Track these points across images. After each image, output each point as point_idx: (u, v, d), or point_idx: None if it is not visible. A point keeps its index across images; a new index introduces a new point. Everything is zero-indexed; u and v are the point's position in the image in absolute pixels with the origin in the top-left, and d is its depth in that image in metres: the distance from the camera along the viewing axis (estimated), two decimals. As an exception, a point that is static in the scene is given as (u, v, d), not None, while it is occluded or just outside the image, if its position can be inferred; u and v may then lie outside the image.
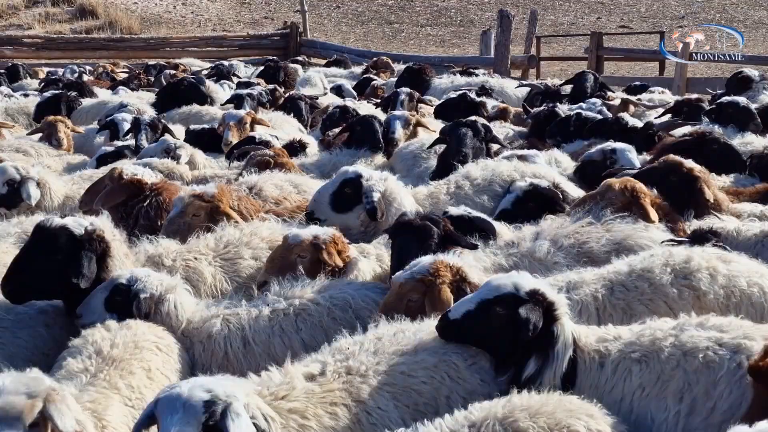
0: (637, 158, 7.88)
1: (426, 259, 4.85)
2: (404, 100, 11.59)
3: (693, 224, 6.19)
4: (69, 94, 13.39)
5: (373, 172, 6.54)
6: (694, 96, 11.70)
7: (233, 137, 9.68)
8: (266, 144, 8.93)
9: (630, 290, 4.84)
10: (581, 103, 11.28)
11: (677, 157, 6.86)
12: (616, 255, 5.41)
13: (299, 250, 5.37)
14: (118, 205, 6.67)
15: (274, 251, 5.55)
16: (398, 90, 12.27)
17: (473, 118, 8.82)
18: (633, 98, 12.23)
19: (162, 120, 10.40)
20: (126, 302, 4.80)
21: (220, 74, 17.26)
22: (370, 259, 5.73)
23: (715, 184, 6.84)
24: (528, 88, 14.28)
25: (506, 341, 4.09)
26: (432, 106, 11.98)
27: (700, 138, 8.08)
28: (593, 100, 11.55)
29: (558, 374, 4.05)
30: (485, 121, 8.92)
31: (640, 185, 6.25)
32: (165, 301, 4.86)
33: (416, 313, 4.61)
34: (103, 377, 4.09)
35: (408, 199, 6.62)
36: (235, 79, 16.55)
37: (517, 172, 7.34)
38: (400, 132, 9.34)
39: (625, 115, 9.72)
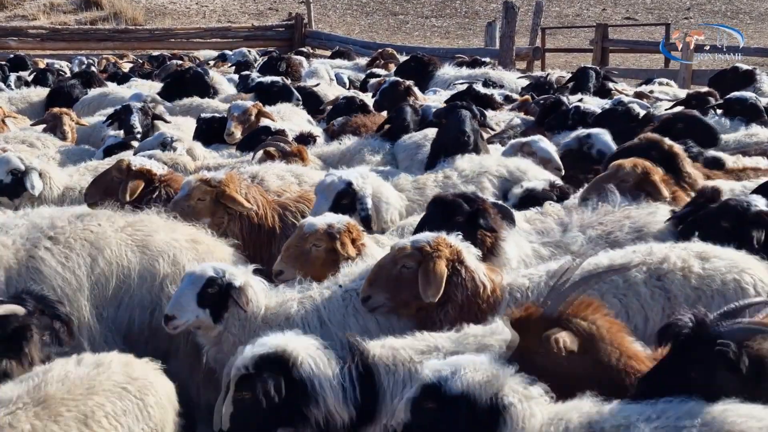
0: (611, 141, 7.98)
1: (430, 233, 4.91)
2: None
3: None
4: (72, 83, 13.48)
5: (354, 174, 6.54)
6: (704, 89, 11.59)
7: (235, 128, 9.69)
8: (282, 134, 8.97)
9: (605, 282, 4.87)
10: (619, 98, 11.19)
11: (655, 135, 7.09)
12: (640, 242, 5.47)
13: (314, 239, 5.37)
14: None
15: (289, 240, 5.55)
16: (389, 80, 12.28)
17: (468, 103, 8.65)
18: (647, 90, 12.28)
19: (151, 109, 10.38)
20: (219, 295, 4.79)
21: (240, 64, 17.33)
22: (385, 250, 5.74)
23: (689, 164, 6.99)
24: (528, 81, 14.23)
25: (275, 418, 4.04)
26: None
27: (667, 121, 8.30)
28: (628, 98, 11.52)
29: (338, 403, 4.05)
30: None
31: (648, 163, 6.37)
32: (248, 288, 4.88)
33: (407, 283, 4.66)
34: (7, 413, 3.63)
35: (392, 192, 6.70)
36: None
37: (502, 166, 7.43)
38: None
39: (634, 107, 9.71)
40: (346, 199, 6.35)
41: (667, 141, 7.01)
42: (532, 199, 6.75)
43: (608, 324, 3.89)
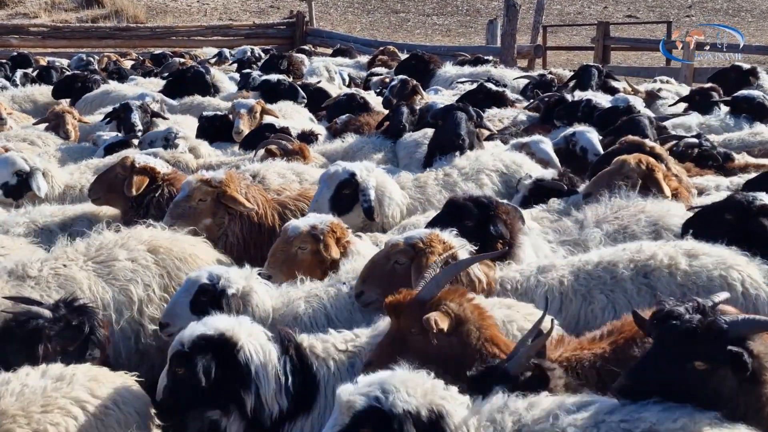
0: (597, 139, 8.14)
1: (423, 230, 5.02)
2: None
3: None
4: (96, 79, 13.63)
5: (360, 166, 6.59)
6: (708, 85, 11.57)
7: (244, 126, 9.70)
8: (286, 131, 8.97)
9: (593, 279, 4.99)
10: (618, 95, 11.27)
11: (637, 138, 7.25)
12: (656, 236, 5.57)
13: (299, 241, 5.40)
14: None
15: (275, 244, 5.56)
16: (398, 78, 12.28)
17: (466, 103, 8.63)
18: (656, 88, 12.32)
19: (150, 107, 10.37)
20: (212, 302, 4.75)
21: (242, 62, 17.33)
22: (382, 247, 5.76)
23: (674, 163, 7.14)
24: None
25: (204, 399, 4.06)
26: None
27: (616, 127, 8.55)
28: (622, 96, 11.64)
29: (271, 393, 4.07)
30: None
31: (653, 160, 6.45)
32: (252, 293, 4.85)
33: (400, 279, 4.70)
34: None
35: (395, 187, 6.73)
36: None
37: (498, 161, 7.49)
38: None
39: (636, 104, 9.76)
40: (347, 189, 6.40)
41: (648, 142, 7.11)
42: (541, 189, 6.78)
43: (472, 308, 4.16)
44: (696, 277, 4.88)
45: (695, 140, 8.00)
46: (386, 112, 10.20)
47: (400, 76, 12.36)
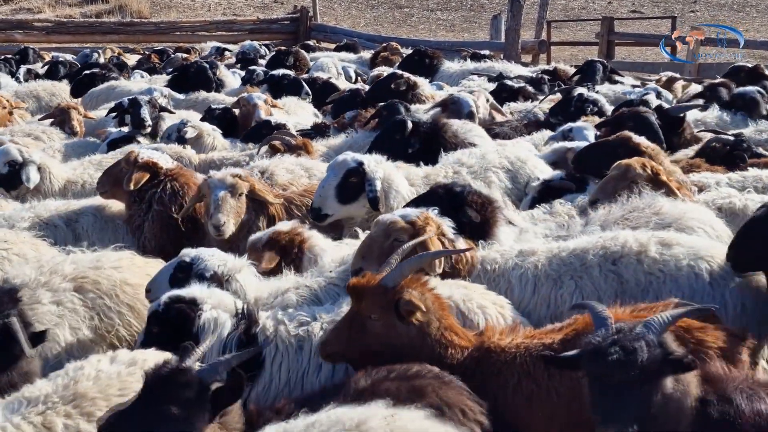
0: (593, 137, 8.18)
1: (413, 209, 5.17)
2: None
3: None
4: (104, 72, 13.68)
5: (369, 157, 6.63)
6: (718, 80, 11.46)
7: (265, 114, 9.78)
8: (283, 127, 8.99)
9: (565, 264, 5.10)
10: (646, 87, 11.27)
11: (628, 133, 7.27)
12: None
13: (249, 253, 5.49)
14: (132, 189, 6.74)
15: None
16: (386, 72, 12.20)
17: (401, 117, 8.44)
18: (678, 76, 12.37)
19: (158, 101, 10.40)
20: (187, 280, 4.89)
21: (245, 59, 17.36)
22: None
23: (667, 160, 7.08)
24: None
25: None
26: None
27: (619, 117, 8.45)
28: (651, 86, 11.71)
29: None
30: (419, 118, 8.43)
31: (655, 163, 6.46)
32: (232, 281, 4.97)
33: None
34: (38, 413, 3.61)
35: (403, 182, 6.75)
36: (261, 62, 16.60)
37: (503, 158, 7.52)
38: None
39: (650, 98, 9.75)
40: (355, 178, 6.41)
41: (635, 139, 7.05)
42: (550, 190, 6.79)
43: (433, 297, 4.26)
44: (664, 265, 4.91)
45: (731, 138, 7.98)
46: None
47: (389, 70, 12.21)
